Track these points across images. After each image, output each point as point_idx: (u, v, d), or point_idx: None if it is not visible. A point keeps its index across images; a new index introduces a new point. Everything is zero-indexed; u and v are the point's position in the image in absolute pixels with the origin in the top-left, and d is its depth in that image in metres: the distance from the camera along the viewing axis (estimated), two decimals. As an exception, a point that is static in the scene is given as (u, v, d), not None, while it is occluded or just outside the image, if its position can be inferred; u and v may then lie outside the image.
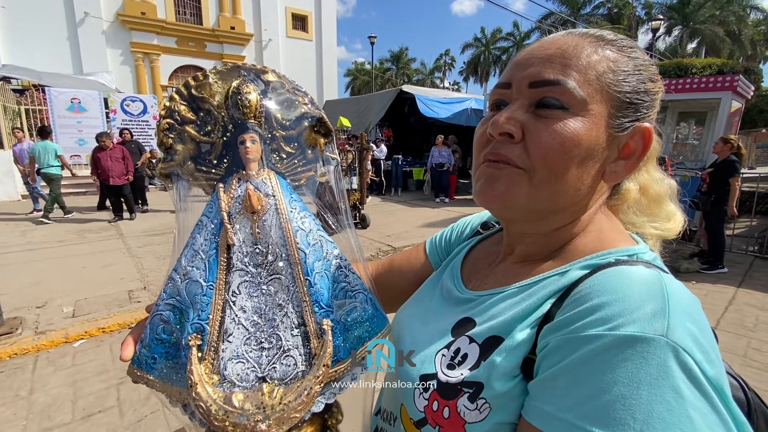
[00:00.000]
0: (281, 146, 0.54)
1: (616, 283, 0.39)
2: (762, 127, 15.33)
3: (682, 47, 26.31)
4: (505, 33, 35.49)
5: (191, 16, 20.28)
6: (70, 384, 2.74)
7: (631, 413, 0.32)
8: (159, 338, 0.46)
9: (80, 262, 5.10)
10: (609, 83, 0.45)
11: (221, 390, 0.43)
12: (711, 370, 0.34)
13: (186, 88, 0.52)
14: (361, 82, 41.58)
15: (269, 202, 0.50)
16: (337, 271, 0.52)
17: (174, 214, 0.54)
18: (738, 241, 6.29)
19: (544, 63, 0.46)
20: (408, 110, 13.57)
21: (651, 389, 0.32)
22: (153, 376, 0.46)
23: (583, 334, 0.37)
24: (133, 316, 3.66)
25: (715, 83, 6.47)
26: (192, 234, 0.50)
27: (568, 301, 0.41)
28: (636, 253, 0.46)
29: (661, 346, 0.33)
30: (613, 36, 0.48)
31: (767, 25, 26.15)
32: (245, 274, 0.48)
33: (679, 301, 0.37)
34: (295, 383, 0.45)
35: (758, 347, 3.25)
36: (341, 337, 0.49)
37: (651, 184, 0.55)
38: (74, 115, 11.00)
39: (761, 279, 4.86)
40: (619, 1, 26.94)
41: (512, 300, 0.48)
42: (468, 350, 0.47)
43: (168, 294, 0.48)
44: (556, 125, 0.44)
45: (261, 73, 0.53)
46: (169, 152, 0.52)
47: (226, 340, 0.45)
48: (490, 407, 0.42)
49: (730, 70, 11.36)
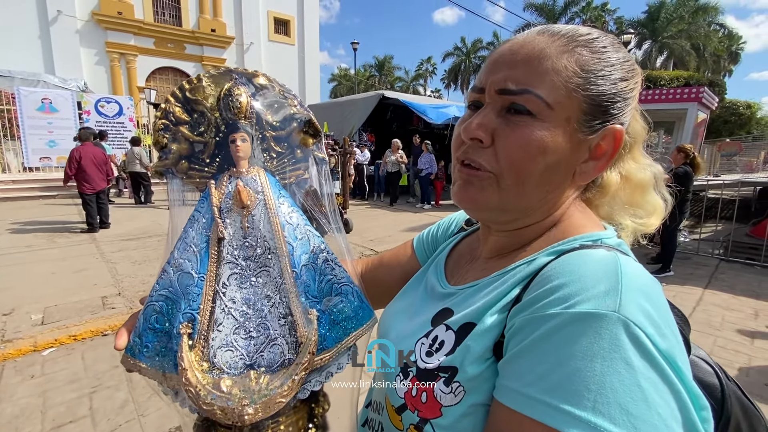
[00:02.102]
0: (271, 146, 0.57)
1: (575, 265, 0.42)
2: (726, 136, 16.16)
3: (651, 60, 27.52)
4: (486, 43, 36.33)
5: (170, 18, 19.92)
6: (39, 394, 2.63)
7: (585, 385, 0.34)
8: (152, 327, 0.48)
9: (50, 268, 4.90)
10: (576, 88, 0.45)
11: (210, 376, 0.45)
12: (663, 343, 0.36)
13: (181, 90, 0.54)
14: (344, 88, 41.70)
15: (258, 197, 0.53)
16: (324, 264, 0.55)
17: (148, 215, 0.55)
18: (704, 244, 6.59)
19: (511, 69, 0.46)
20: (390, 116, 13.67)
21: (604, 362, 0.34)
22: (146, 364, 0.48)
23: (543, 314, 0.39)
24: (108, 323, 3.54)
25: (682, 94, 6.82)
26: (185, 228, 0.52)
27: (533, 284, 0.44)
28: (600, 238, 0.48)
29: (613, 321, 0.36)
30: (586, 34, 0.48)
31: (730, 40, 27.70)
32: (235, 267, 0.50)
33: (633, 280, 0.39)
34: (281, 370, 0.47)
35: (723, 345, 3.42)
36: (327, 326, 0.51)
37: (635, 172, 0.56)
38: (45, 116, 10.62)
39: (726, 281, 5.11)
40: (592, 14, 28.03)
41: (486, 290, 0.50)
42: (445, 337, 0.49)
43: (161, 285, 0.49)
44: (522, 132, 0.45)
45: (252, 77, 0.56)
46: (164, 151, 0.54)
47: (216, 329, 0.47)
48: (464, 390, 0.44)
49: (696, 82, 11.97)
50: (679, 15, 26.43)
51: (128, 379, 2.77)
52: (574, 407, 0.34)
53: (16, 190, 10.02)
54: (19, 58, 15.39)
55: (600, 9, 28.69)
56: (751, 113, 17.45)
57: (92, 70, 17.91)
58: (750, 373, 2.99)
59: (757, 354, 3.28)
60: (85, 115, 11.40)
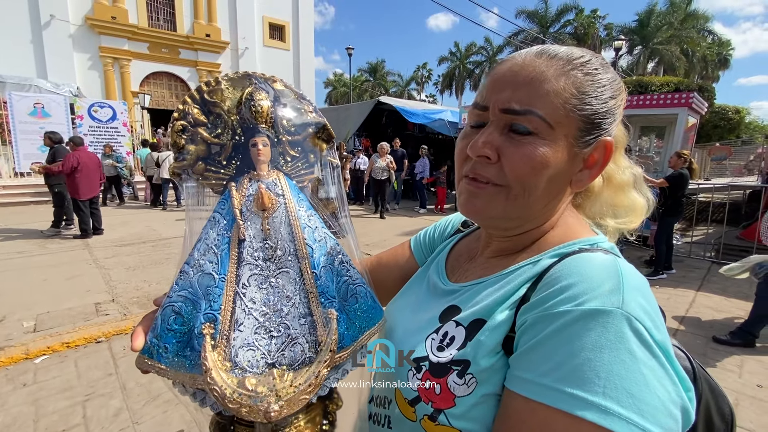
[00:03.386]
0: (286, 150, 0.58)
1: (580, 267, 0.46)
2: (716, 141, 16.44)
3: (641, 66, 28.00)
4: (479, 47, 36.72)
5: (165, 22, 19.90)
6: (31, 402, 2.59)
7: (596, 373, 0.38)
8: (170, 328, 0.48)
9: (42, 274, 4.84)
10: (574, 108, 0.49)
11: (234, 375, 0.46)
12: (658, 335, 0.41)
13: (199, 92, 0.55)
14: (339, 93, 41.85)
15: (279, 200, 0.54)
16: (340, 266, 0.56)
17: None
18: (696, 247, 6.68)
19: (515, 91, 0.50)
20: (385, 121, 13.74)
21: (611, 352, 0.39)
22: (164, 364, 0.48)
23: (555, 311, 0.43)
24: (101, 330, 3.50)
25: (672, 100, 6.92)
26: (204, 229, 0.53)
27: (540, 284, 0.48)
28: (596, 242, 0.53)
29: (618, 316, 0.40)
30: (579, 57, 0.51)
31: (719, 46, 28.28)
32: (255, 268, 0.51)
33: (631, 280, 0.44)
34: (303, 368, 0.48)
35: (716, 347, 3.46)
36: (344, 325, 0.53)
37: (616, 174, 0.62)
38: (37, 121, 10.50)
39: (718, 283, 5.17)
40: (584, 21, 28.48)
41: (493, 288, 0.54)
42: (455, 333, 0.52)
43: (180, 286, 0.50)
44: (526, 149, 0.49)
45: (270, 82, 0.57)
46: (182, 152, 0.55)
47: (237, 329, 0.48)
48: (476, 381, 0.48)
49: (686, 87, 12.16)
50: (668, 21, 26.96)
51: (122, 387, 2.74)
52: (586, 393, 0.38)
53: (8, 196, 9.88)
54: (11, 62, 15.25)
55: (591, 16, 29.17)
56: (739, 118, 17.78)
57: (85, 75, 17.78)
58: (742, 375, 3.03)
59: (748, 355, 3.32)
60: (78, 120, 11.29)
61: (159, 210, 9.79)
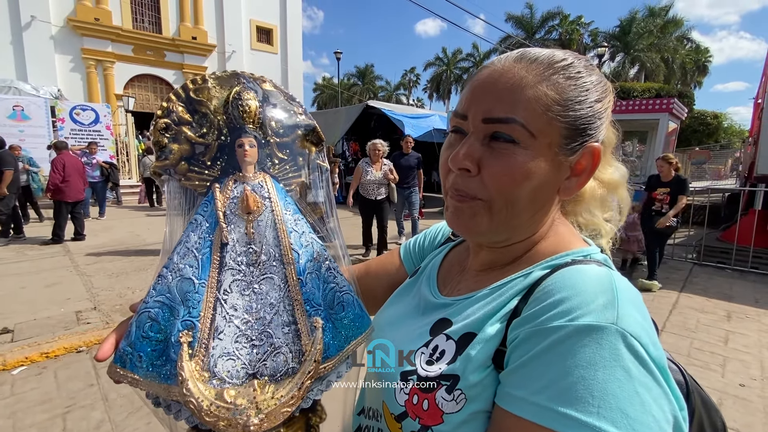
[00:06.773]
0: (274, 152, 0.56)
1: (573, 280, 0.44)
2: (696, 145, 16.92)
3: (624, 72, 28.65)
4: (466, 54, 37.17)
5: (150, 25, 19.58)
6: (8, 415, 2.49)
7: (589, 392, 0.37)
8: (146, 336, 0.45)
9: (20, 282, 4.68)
10: (556, 115, 0.47)
11: (212, 386, 0.44)
12: (654, 351, 0.39)
13: (184, 90, 0.53)
14: (327, 96, 41.80)
15: (265, 204, 0.52)
16: (327, 272, 0.54)
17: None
18: (678, 249, 6.83)
19: (495, 99, 0.48)
20: (374, 125, 13.74)
21: (605, 370, 0.37)
22: (138, 374, 0.45)
23: (548, 326, 0.41)
24: (82, 339, 3.39)
25: (653, 105, 7.11)
26: (185, 232, 0.50)
27: (532, 298, 0.46)
28: (589, 253, 0.52)
29: (612, 332, 0.38)
30: (561, 60, 0.49)
31: (697, 54, 29.15)
32: (237, 273, 0.49)
33: (626, 294, 0.43)
34: (286, 379, 0.46)
35: (700, 347, 3.53)
36: (330, 335, 0.51)
37: (608, 174, 0.60)
38: (16, 124, 10.21)
39: (700, 284, 5.29)
40: (569, 27, 29.07)
41: (484, 301, 0.52)
42: (445, 347, 0.50)
43: (158, 291, 0.47)
44: (507, 160, 0.47)
45: (259, 82, 0.55)
46: (164, 151, 0.52)
47: (217, 337, 0.46)
48: (465, 398, 0.45)
49: (667, 93, 12.50)
50: (648, 29, 27.67)
51: (104, 398, 2.66)
52: (580, 413, 0.36)
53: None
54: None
55: (575, 23, 29.79)
56: (718, 123, 18.34)
57: (67, 77, 17.34)
58: (725, 374, 3.10)
59: (731, 355, 3.39)
60: (59, 123, 11.02)
61: (144, 215, 9.62)
